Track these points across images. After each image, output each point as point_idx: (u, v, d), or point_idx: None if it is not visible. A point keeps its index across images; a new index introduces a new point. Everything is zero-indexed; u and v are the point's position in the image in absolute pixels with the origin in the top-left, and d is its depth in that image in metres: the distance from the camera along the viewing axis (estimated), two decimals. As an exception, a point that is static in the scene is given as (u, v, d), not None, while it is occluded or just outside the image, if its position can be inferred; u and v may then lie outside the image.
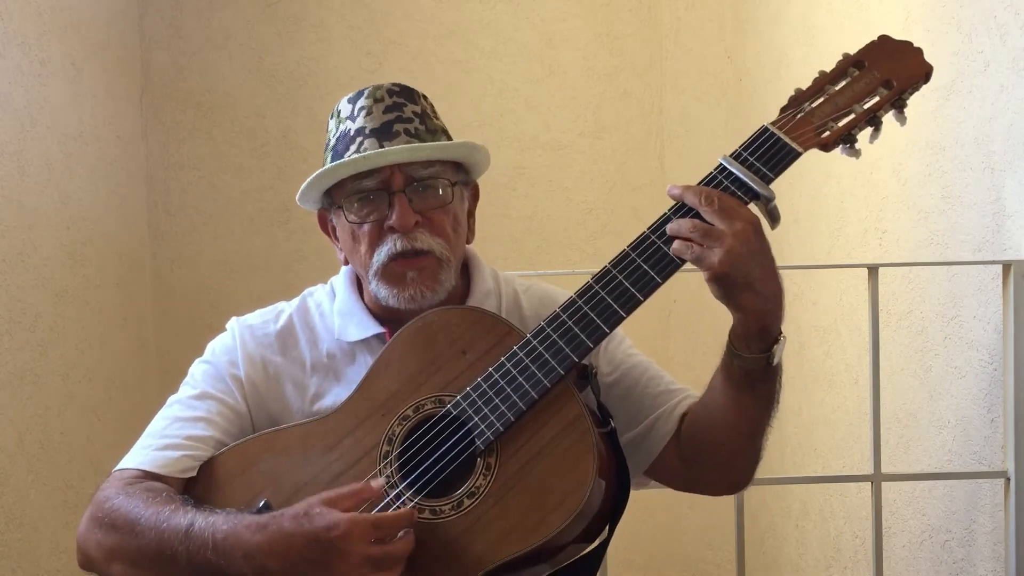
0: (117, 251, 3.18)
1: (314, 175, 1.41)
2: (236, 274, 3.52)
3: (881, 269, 2.02)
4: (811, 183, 2.67)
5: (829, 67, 1.37)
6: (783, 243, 2.65)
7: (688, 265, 1.27)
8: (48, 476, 2.63)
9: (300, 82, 3.53)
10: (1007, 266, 1.76)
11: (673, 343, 3.50)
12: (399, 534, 1.20)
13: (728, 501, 2.02)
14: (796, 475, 2.88)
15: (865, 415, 2.21)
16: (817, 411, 2.73)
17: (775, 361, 1.29)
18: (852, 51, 1.36)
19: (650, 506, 3.61)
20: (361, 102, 1.42)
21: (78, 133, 2.92)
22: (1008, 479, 1.80)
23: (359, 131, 1.40)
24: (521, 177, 3.55)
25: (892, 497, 2.21)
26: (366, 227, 1.40)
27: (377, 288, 1.40)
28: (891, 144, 2.19)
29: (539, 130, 3.60)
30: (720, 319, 1.37)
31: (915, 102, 2.07)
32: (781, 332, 1.29)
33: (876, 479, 1.92)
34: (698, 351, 3.46)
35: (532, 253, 3.57)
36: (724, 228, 1.22)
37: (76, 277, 2.86)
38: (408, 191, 1.38)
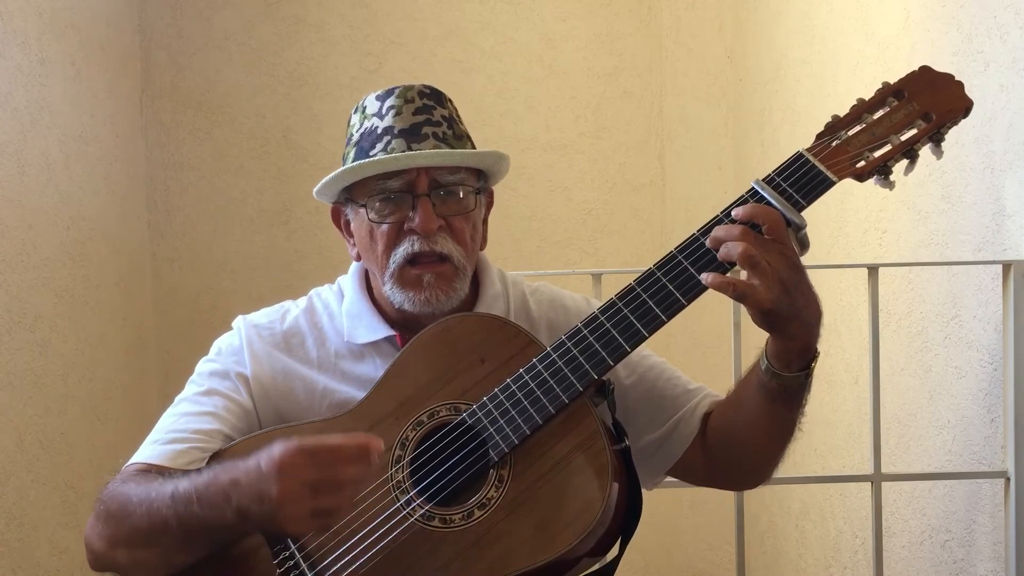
0: (117, 251, 3.18)
1: (339, 171, 1.39)
2: (236, 274, 3.52)
3: (881, 269, 2.02)
4: (811, 183, 2.66)
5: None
6: (783, 243, 2.64)
7: None
8: (48, 476, 2.63)
9: (300, 82, 3.53)
10: (1007, 266, 1.76)
11: (673, 343, 3.50)
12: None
13: (728, 501, 2.02)
14: (796, 475, 2.87)
15: (865, 415, 2.21)
16: (817, 411, 2.73)
17: (811, 376, 1.30)
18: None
19: (650, 506, 3.58)
20: (391, 101, 1.41)
21: (78, 133, 2.92)
22: (1008, 479, 1.80)
23: (387, 130, 1.39)
24: (521, 177, 3.55)
25: (892, 497, 2.21)
26: (385, 227, 1.39)
27: (392, 291, 1.39)
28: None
29: (539, 130, 3.60)
30: (720, 319, 1.37)
31: (915, 102, 2.07)
32: (817, 350, 1.29)
33: (876, 479, 1.92)
34: (698, 351, 3.46)
35: (532, 253, 3.57)
36: (771, 263, 1.20)
37: (76, 277, 2.86)
38: (432, 195, 1.38)
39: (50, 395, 2.67)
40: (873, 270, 1.93)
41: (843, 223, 2.50)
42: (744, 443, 1.40)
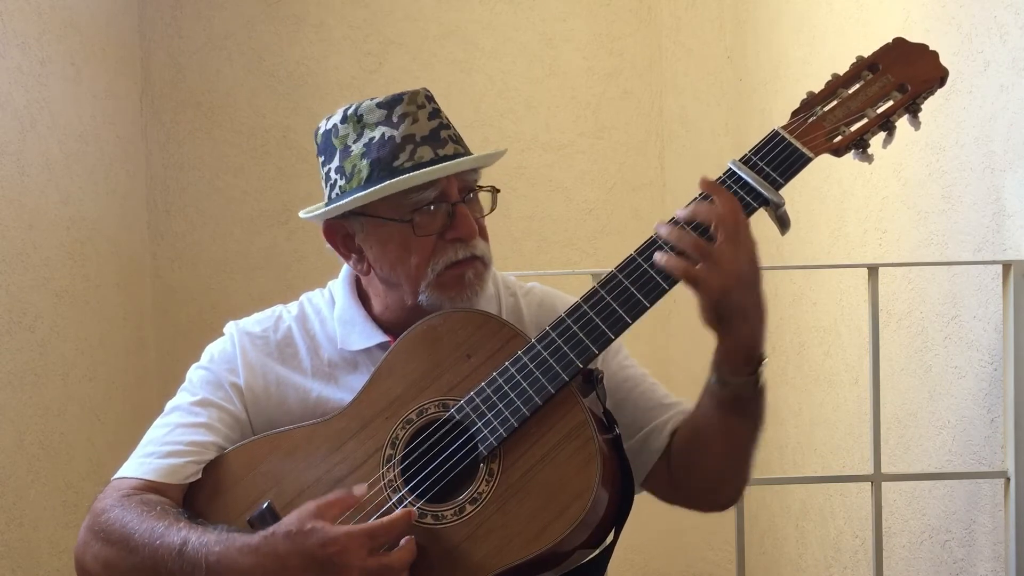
0: (117, 251, 3.18)
1: (389, 183, 1.34)
2: (236, 274, 3.52)
3: (881, 269, 2.02)
4: (811, 183, 2.67)
5: (828, 67, 1.35)
6: (783, 243, 2.65)
7: None
8: (48, 476, 2.63)
9: (300, 82, 3.53)
10: (1007, 266, 1.76)
11: (673, 343, 3.50)
12: (401, 541, 1.20)
13: (728, 501, 2.02)
14: (796, 475, 2.88)
15: (865, 415, 2.21)
16: (817, 411, 2.73)
17: (762, 382, 1.30)
18: (855, 51, 1.34)
19: (650, 506, 3.60)
20: (402, 108, 1.37)
21: (78, 133, 2.92)
22: (1008, 479, 1.80)
23: (408, 138, 1.36)
24: (521, 177, 3.55)
25: (892, 497, 2.21)
26: (428, 238, 1.37)
27: (429, 297, 1.38)
28: (891, 144, 2.18)
29: (539, 130, 3.60)
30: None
31: (915, 102, 2.06)
32: (764, 353, 1.30)
33: (876, 479, 1.92)
34: (698, 351, 3.45)
35: (532, 253, 3.57)
36: (730, 253, 1.22)
37: (76, 277, 2.86)
38: (465, 200, 1.39)
39: (50, 395, 2.66)
40: (873, 270, 1.93)
41: (843, 223, 2.50)
42: (702, 460, 1.39)
